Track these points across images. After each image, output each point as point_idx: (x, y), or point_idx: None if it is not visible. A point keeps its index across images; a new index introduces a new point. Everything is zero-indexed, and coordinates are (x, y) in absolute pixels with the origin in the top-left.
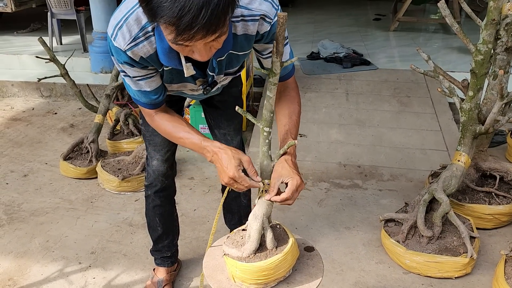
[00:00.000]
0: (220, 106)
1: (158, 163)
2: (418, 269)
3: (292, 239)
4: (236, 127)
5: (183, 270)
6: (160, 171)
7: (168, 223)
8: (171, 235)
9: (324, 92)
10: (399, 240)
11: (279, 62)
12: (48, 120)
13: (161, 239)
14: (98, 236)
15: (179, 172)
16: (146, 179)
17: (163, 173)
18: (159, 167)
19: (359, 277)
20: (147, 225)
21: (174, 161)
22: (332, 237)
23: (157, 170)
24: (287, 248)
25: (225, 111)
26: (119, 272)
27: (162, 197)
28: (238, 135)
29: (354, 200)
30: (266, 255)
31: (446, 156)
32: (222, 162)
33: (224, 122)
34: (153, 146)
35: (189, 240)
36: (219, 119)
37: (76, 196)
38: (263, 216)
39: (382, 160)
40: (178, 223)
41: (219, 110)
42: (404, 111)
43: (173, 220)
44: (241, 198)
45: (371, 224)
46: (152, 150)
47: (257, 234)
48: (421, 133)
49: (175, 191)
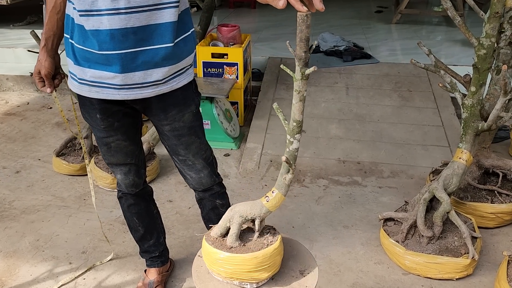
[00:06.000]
0: (172, 136)
1: (122, 177)
2: (418, 270)
3: (277, 243)
4: (195, 152)
5: (176, 270)
6: (127, 183)
7: (149, 222)
8: (155, 233)
9: (324, 86)
10: (398, 240)
11: (299, 68)
12: (43, 115)
13: (145, 239)
14: (90, 235)
15: (173, 169)
16: (117, 184)
17: (131, 184)
18: (124, 180)
19: (357, 278)
20: (128, 227)
21: (141, 169)
22: (330, 236)
23: (123, 183)
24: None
25: (179, 140)
26: (110, 273)
27: (134, 196)
28: (199, 157)
29: (353, 197)
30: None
31: (448, 152)
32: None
33: (181, 151)
34: (110, 165)
35: (183, 239)
36: (175, 148)
37: (69, 193)
38: (239, 212)
39: (383, 156)
40: (161, 220)
41: (173, 140)
42: (406, 106)
43: (154, 218)
44: (219, 209)
45: (370, 223)
46: (111, 167)
47: (222, 222)
48: (423, 129)
49: (149, 191)
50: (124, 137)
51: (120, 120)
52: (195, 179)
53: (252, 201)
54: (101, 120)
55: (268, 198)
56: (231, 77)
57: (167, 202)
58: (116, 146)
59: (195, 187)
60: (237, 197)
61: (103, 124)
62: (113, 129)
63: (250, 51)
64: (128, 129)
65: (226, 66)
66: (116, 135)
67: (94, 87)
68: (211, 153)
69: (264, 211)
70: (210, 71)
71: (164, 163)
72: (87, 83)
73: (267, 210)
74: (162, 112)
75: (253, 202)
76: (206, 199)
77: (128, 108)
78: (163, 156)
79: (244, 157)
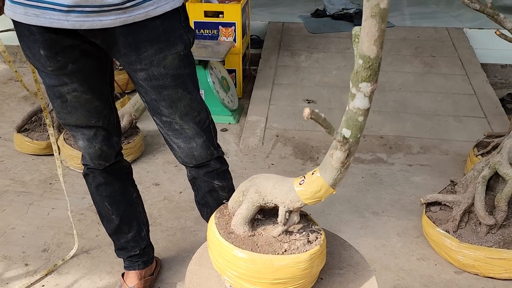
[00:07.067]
0: (150, 88)
1: (85, 144)
2: (476, 267)
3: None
4: (184, 112)
5: (164, 273)
6: (92, 153)
7: (126, 209)
8: (135, 225)
9: (334, 52)
10: (449, 229)
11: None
12: (9, 88)
13: (121, 231)
14: (54, 227)
15: (161, 146)
16: (82, 156)
17: (98, 155)
18: (88, 148)
19: (398, 279)
20: (99, 215)
21: (113, 137)
22: (357, 225)
23: (87, 153)
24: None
25: (161, 94)
26: (78, 277)
27: (105, 172)
28: (190, 121)
29: (379, 177)
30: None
31: (485, 123)
32: None
33: (164, 110)
34: (68, 127)
35: (172, 232)
36: (155, 106)
37: (32, 177)
38: (257, 186)
39: (409, 130)
40: (142, 208)
41: (151, 94)
42: (430, 73)
43: (133, 204)
44: (218, 192)
45: (404, 208)
46: (70, 130)
47: (236, 193)
48: (452, 97)
49: (126, 168)
50: (85, 87)
51: (77, 62)
52: (185, 150)
53: (282, 177)
54: (47, 58)
55: (303, 181)
56: (228, 40)
57: (153, 185)
58: (74, 100)
59: (185, 161)
60: (239, 179)
61: (51, 65)
62: (66, 73)
63: (249, 11)
64: (90, 76)
65: (222, 27)
66: (72, 83)
67: (31, 8)
68: (207, 116)
69: (292, 198)
70: (203, 33)
71: (149, 139)
72: (21, 1)
73: (297, 198)
74: (133, 51)
75: (283, 179)
76: (200, 179)
77: (87, 44)
78: (149, 132)
79: (245, 131)
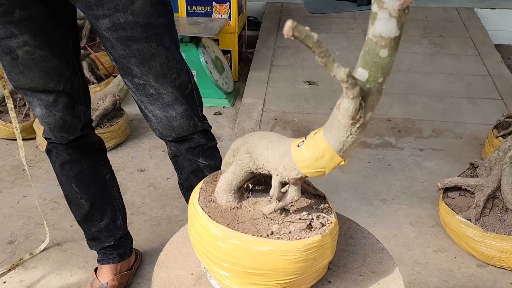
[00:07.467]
0: (115, 40)
1: (43, 112)
2: (502, 260)
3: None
4: (160, 72)
5: (145, 267)
6: (51, 123)
7: (97, 192)
8: (109, 211)
9: (337, 33)
10: (470, 217)
11: None
12: None
13: (92, 218)
14: (24, 217)
15: (148, 131)
16: (43, 130)
17: (59, 126)
18: (47, 117)
19: (414, 273)
20: (66, 199)
21: (78, 105)
22: (365, 213)
23: (45, 123)
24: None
25: (129, 48)
26: (46, 272)
27: (70, 148)
28: (167, 83)
29: (387, 162)
30: None
31: (501, 105)
32: None
33: (135, 69)
34: (22, 90)
35: (157, 221)
36: (124, 64)
37: (4, 163)
38: (247, 144)
39: (419, 112)
40: (118, 191)
41: (119, 48)
42: (439, 53)
43: (106, 187)
44: (204, 172)
45: (416, 195)
46: (24, 95)
47: (228, 154)
48: (465, 79)
49: (97, 143)
50: (37, 41)
51: (25, 7)
52: (162, 120)
53: (280, 137)
54: None
55: (303, 142)
56: (222, 17)
57: (138, 171)
58: (27, 57)
59: (163, 134)
60: None
61: None
62: (13, 21)
63: None
64: (44, 26)
65: (216, 3)
66: (22, 34)
67: None
68: (189, 79)
69: (286, 164)
70: (195, 10)
71: (136, 123)
72: None
73: (292, 164)
74: None
75: (280, 138)
76: (182, 157)
77: None
78: (136, 116)
79: (241, 115)
